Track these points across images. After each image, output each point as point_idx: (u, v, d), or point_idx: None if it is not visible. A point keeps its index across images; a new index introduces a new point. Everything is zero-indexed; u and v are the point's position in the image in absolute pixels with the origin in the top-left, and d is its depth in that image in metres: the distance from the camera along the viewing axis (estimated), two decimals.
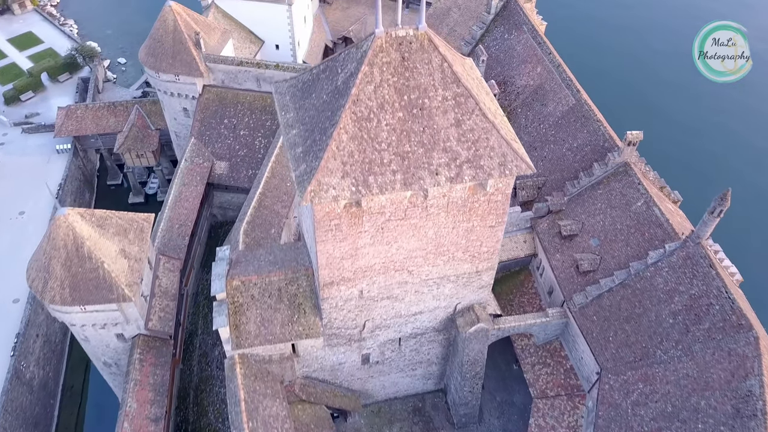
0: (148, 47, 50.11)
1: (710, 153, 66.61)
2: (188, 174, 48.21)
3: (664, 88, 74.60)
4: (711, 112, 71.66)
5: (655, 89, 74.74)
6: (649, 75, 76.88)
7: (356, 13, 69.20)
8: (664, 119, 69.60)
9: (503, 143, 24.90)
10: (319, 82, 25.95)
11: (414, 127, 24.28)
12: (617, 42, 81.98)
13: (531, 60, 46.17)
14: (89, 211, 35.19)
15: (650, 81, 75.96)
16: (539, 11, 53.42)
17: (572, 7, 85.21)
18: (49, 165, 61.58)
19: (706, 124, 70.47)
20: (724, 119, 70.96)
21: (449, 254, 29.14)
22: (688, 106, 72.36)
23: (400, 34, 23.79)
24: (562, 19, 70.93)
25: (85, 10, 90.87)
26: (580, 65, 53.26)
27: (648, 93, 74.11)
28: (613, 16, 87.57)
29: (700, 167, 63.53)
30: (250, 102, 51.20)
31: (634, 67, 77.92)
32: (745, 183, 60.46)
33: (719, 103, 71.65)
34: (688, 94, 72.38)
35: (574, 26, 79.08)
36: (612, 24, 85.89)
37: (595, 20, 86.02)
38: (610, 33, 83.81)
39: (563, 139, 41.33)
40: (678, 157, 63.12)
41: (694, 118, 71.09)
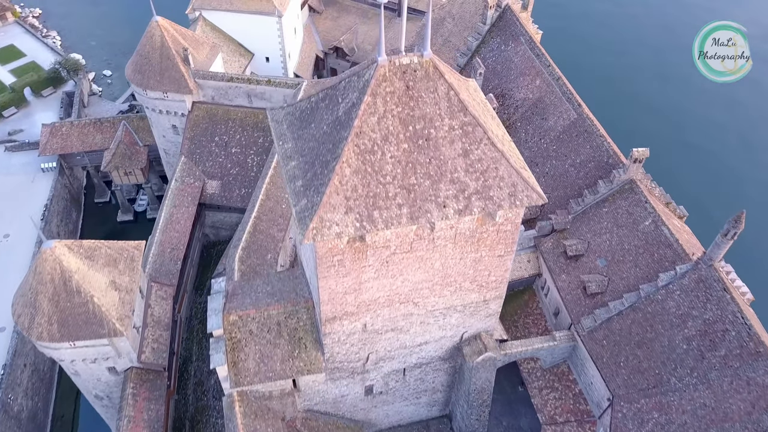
0: (135, 64, 48.55)
1: (715, 165, 65.47)
2: (179, 195, 46.73)
3: (665, 99, 73.71)
4: (714, 124, 70.70)
5: (656, 99, 73.80)
6: (649, 84, 76.00)
7: (347, 23, 67.90)
8: (666, 131, 68.56)
9: (513, 172, 23.77)
10: (318, 111, 24.68)
11: (420, 158, 23.08)
12: (614, 50, 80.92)
13: (529, 72, 45.13)
14: (77, 243, 33.69)
15: (650, 91, 75.06)
16: (534, 20, 52.45)
17: (567, 14, 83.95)
18: (34, 184, 59.76)
19: (709, 136, 69.40)
20: (728, 131, 70.02)
21: (456, 285, 27.98)
22: (690, 117, 71.42)
23: (404, 62, 22.59)
24: (558, 28, 70.06)
25: (68, 21, 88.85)
26: (577, 74, 52.27)
27: (648, 103, 73.00)
28: (609, 24, 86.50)
29: (704, 180, 62.58)
30: (241, 118, 49.81)
31: (631, 76, 77.01)
32: (753, 196, 59.88)
33: (722, 113, 70.95)
34: (690, 104, 71.69)
35: (569, 34, 77.91)
36: (608, 32, 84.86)
37: (591, 27, 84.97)
38: (606, 41, 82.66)
39: (565, 154, 40.33)
40: (681, 169, 62.01)
41: (697, 130, 69.98)
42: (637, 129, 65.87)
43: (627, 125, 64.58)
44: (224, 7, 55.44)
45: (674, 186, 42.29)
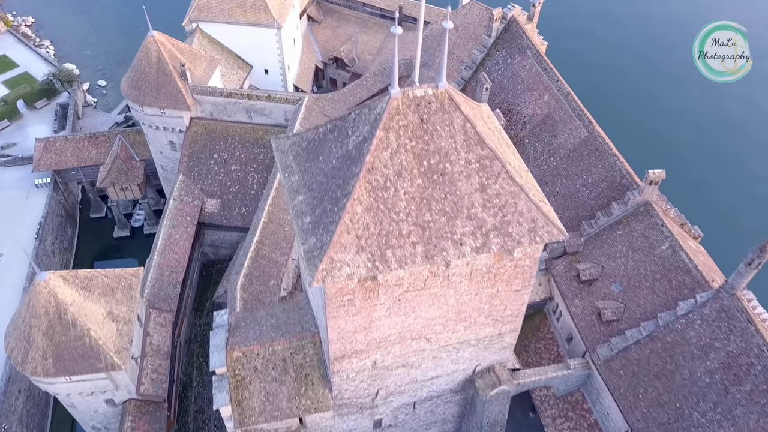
0: (131, 79, 47.20)
1: (731, 181, 63.84)
2: (177, 214, 45.40)
3: (676, 114, 71.62)
4: (729, 139, 68.82)
5: (667, 114, 71.63)
6: (659, 99, 73.93)
7: (346, 32, 66.64)
8: (678, 147, 66.72)
9: (532, 207, 22.55)
10: (326, 143, 23.41)
11: (435, 194, 21.84)
12: (620, 61, 79.15)
13: (537, 87, 43.95)
14: (72, 273, 32.39)
15: (661, 106, 72.92)
16: (539, 31, 51.26)
17: (572, 25, 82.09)
18: (28, 201, 58.28)
19: (722, 152, 67.41)
20: (744, 146, 68.29)
21: (471, 320, 26.77)
22: (700, 133, 69.43)
23: (418, 94, 21.34)
24: (563, 38, 68.75)
25: (61, 30, 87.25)
26: (584, 86, 51.06)
27: (659, 119, 70.94)
28: (615, 35, 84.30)
29: (719, 198, 61.04)
30: (240, 135, 48.51)
31: (638, 88, 75.04)
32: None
33: (737, 127, 69.11)
34: (702, 119, 69.95)
35: (575, 46, 76.23)
36: (615, 44, 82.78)
37: (597, 39, 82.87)
38: (613, 53, 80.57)
39: (576, 173, 39.15)
40: (695, 186, 60.44)
41: (709, 146, 68.01)
42: (650, 146, 63.88)
43: (639, 142, 62.40)
44: (222, 19, 54.11)
45: (686, 202, 41.33)
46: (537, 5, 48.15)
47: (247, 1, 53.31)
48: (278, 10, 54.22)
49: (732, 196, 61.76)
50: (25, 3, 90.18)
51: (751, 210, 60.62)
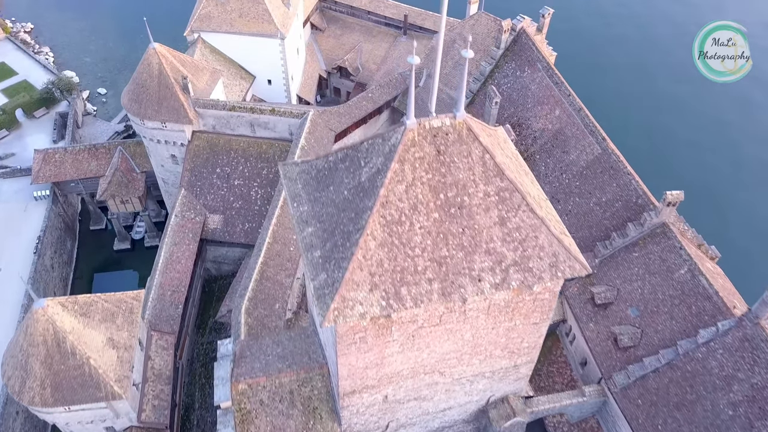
0: (132, 92, 46.12)
1: (745, 199, 62.01)
2: (179, 231, 44.34)
3: (689, 130, 69.27)
4: (744, 155, 66.81)
5: (681, 130, 69.19)
6: (673, 114, 71.61)
7: (350, 41, 65.54)
8: (692, 164, 64.57)
9: (554, 241, 21.49)
10: (337, 173, 22.34)
11: (452, 228, 20.78)
12: (632, 74, 77.00)
13: (548, 101, 42.91)
14: (71, 299, 31.34)
15: (675, 122, 70.36)
16: (548, 41, 50.20)
17: (580, 35, 79.91)
18: (27, 213, 57.16)
19: (738, 169, 65.40)
20: (759, 161, 66.33)
21: (486, 353, 25.71)
22: (715, 148, 67.12)
23: (435, 125, 20.27)
24: (572, 49, 67.44)
25: (60, 36, 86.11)
26: (594, 99, 49.98)
27: (674, 135, 68.50)
28: (627, 46, 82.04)
29: (736, 217, 59.38)
30: (244, 149, 47.45)
31: (652, 101, 73.08)
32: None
33: (754, 144, 67.34)
34: (717, 133, 68.00)
35: (584, 56, 74.59)
36: (627, 55, 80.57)
37: (608, 48, 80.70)
38: (624, 64, 78.43)
39: (589, 192, 38.11)
40: (711, 205, 58.48)
41: (724, 162, 65.80)
42: (664, 163, 62.07)
43: (653, 159, 60.90)
44: (224, 29, 53.02)
45: (702, 220, 40.29)
46: (546, 16, 47.17)
47: (250, 11, 52.21)
48: (282, 20, 53.13)
49: (749, 214, 60.25)
50: (25, 9, 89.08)
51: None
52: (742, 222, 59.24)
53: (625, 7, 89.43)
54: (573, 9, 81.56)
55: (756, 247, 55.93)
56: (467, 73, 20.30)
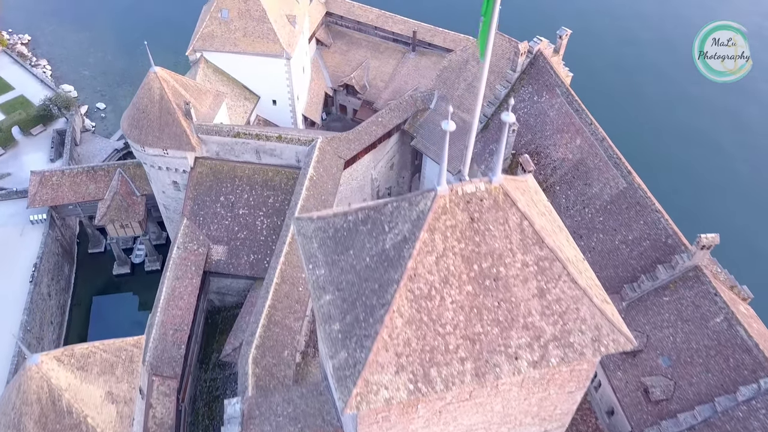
0: (132, 118, 44.17)
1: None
2: (181, 264, 42.39)
3: (718, 162, 65.34)
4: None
5: (708, 162, 65.36)
6: (697, 143, 67.78)
7: (357, 57, 63.59)
8: (720, 199, 61.44)
9: (596, 313, 19.52)
10: (358, 235, 20.36)
11: (486, 302, 18.80)
12: (652, 99, 73.48)
13: (568, 129, 40.99)
14: (68, 352, 29.40)
15: (699, 152, 66.46)
16: (565, 62, 48.29)
17: (598, 55, 76.09)
18: (23, 238, 55.16)
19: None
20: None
21: (516, 422, 23.75)
22: (746, 180, 63.88)
23: (469, 190, 18.28)
24: (589, 69, 64.74)
25: (58, 48, 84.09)
26: (615, 125, 47.94)
27: (701, 168, 64.68)
28: (650, 69, 77.74)
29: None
30: (249, 176, 45.52)
31: (672, 130, 69.10)
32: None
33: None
34: (747, 165, 65.01)
35: (600, 77, 71.34)
36: (646, 74, 76.83)
37: (624, 69, 76.70)
38: (647, 88, 74.77)
39: (614, 228, 36.18)
40: (741, 242, 54.32)
41: (756, 195, 62.73)
42: (694, 200, 58.80)
43: (682, 195, 57.35)
44: (228, 49, 51.09)
45: (730, 255, 38.31)
46: (564, 37, 45.29)
47: (254, 31, 50.28)
48: (287, 39, 51.19)
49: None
50: (22, 20, 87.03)
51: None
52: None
53: (650, 30, 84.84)
54: (590, 28, 77.99)
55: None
56: (506, 136, 18.33)
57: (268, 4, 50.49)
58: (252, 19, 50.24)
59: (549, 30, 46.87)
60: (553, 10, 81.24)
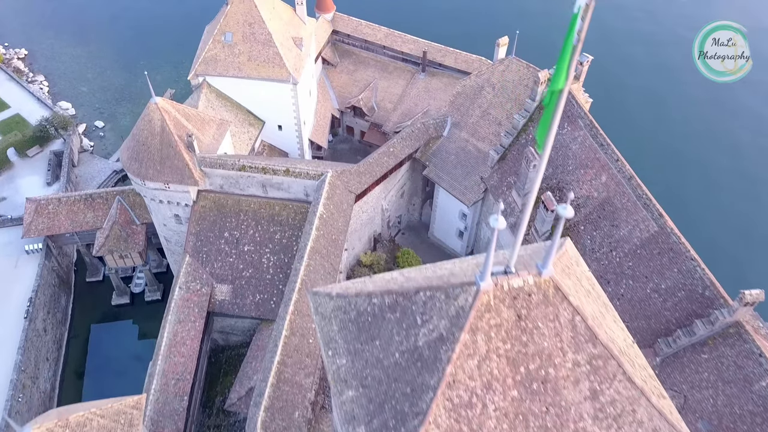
0: (131, 150, 41.95)
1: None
2: (183, 306, 40.16)
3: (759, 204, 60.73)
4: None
5: (747, 205, 60.50)
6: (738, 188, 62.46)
7: (365, 77, 61.41)
8: (763, 250, 56.39)
9: (654, 414, 17.27)
10: (384, 323, 18.12)
11: (533, 407, 16.57)
12: (681, 131, 68.34)
13: (592, 165, 38.82)
14: (62, 423, 27.18)
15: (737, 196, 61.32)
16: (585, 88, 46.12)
17: (616, 78, 72.18)
18: (18, 270, 52.91)
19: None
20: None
21: None
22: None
23: (516, 285, 16.02)
24: (609, 93, 62.21)
25: (55, 63, 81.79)
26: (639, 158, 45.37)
27: (740, 213, 59.74)
28: (676, 95, 72.54)
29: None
30: (254, 210, 43.30)
31: (703, 167, 63.81)
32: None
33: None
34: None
35: (620, 101, 68.28)
36: (670, 99, 71.92)
37: (646, 93, 72.26)
38: (672, 115, 70.08)
39: (645, 275, 33.98)
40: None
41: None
42: (734, 248, 54.46)
43: (719, 242, 53.36)
44: (231, 74, 48.85)
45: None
46: (585, 63, 43.02)
47: (260, 55, 48.04)
48: (294, 63, 48.96)
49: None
50: (19, 34, 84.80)
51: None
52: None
53: (677, 54, 76.80)
54: (612, 51, 74.16)
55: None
56: (559, 233, 16.09)
57: (274, 26, 48.26)
58: (257, 42, 48.02)
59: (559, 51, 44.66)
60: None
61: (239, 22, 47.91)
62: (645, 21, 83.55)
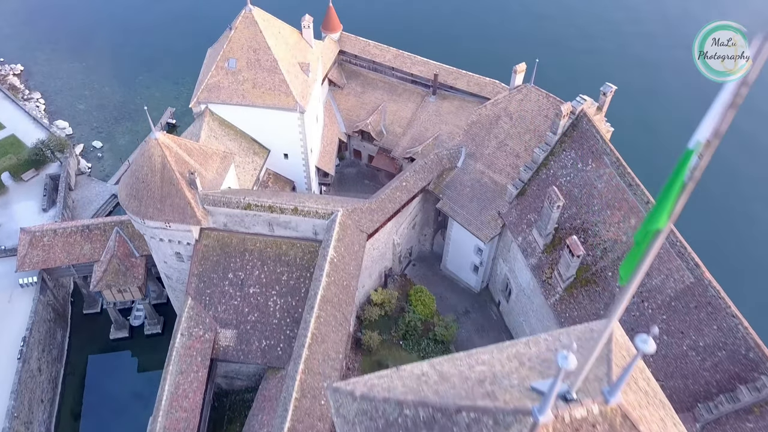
0: (130, 187, 39.67)
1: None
2: (185, 355, 37.87)
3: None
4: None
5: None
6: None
7: (373, 100, 59.15)
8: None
9: None
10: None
11: None
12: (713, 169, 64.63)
13: (620, 206, 36.56)
14: None
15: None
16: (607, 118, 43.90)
17: (640, 108, 67.95)
18: (11, 305, 50.57)
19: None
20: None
21: None
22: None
23: (579, 416, 13.66)
24: (628, 121, 59.21)
25: (52, 80, 79.31)
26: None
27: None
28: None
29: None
30: (260, 249, 41.04)
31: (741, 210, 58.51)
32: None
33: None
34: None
35: (641, 132, 64.30)
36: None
37: (672, 126, 65.66)
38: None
39: (681, 331, 31.73)
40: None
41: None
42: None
43: (762, 295, 49.31)
44: (235, 101, 46.55)
45: None
46: (609, 94, 40.87)
47: (265, 82, 45.74)
48: (301, 91, 46.66)
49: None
50: (14, 49, 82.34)
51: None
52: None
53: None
54: (632, 80, 69.78)
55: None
56: (635, 364, 13.88)
57: (280, 53, 45.96)
58: (262, 69, 45.72)
59: (583, 80, 42.51)
60: (583, 61, 75.23)
61: (244, 47, 45.62)
62: (672, 47, 79.52)
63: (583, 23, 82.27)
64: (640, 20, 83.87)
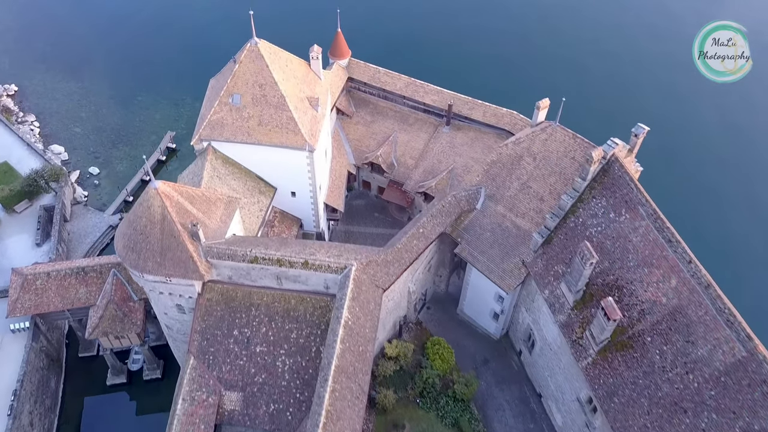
0: (128, 239, 36.86)
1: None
2: (188, 422, 35.06)
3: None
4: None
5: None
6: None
7: (383, 129, 56.35)
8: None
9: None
10: None
11: None
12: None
13: (659, 264, 33.74)
14: None
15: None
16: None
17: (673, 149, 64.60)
18: (2, 353, 47.80)
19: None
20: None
21: None
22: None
23: None
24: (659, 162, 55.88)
25: (47, 101, 76.37)
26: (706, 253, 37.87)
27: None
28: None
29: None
30: (267, 304, 38.24)
31: None
32: None
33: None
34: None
35: (675, 176, 61.02)
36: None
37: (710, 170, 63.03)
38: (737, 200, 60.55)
39: (733, 410, 28.90)
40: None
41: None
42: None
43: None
44: (240, 139, 43.72)
45: None
46: (641, 135, 38.01)
47: (272, 119, 42.86)
48: (310, 128, 43.81)
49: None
50: (8, 69, 79.46)
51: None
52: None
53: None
54: (664, 118, 66.12)
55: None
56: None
57: (288, 88, 43.11)
58: (269, 105, 42.87)
59: (611, 121, 39.63)
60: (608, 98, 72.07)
61: (249, 82, 42.79)
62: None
63: (608, 54, 78.36)
64: (669, 53, 78.20)
